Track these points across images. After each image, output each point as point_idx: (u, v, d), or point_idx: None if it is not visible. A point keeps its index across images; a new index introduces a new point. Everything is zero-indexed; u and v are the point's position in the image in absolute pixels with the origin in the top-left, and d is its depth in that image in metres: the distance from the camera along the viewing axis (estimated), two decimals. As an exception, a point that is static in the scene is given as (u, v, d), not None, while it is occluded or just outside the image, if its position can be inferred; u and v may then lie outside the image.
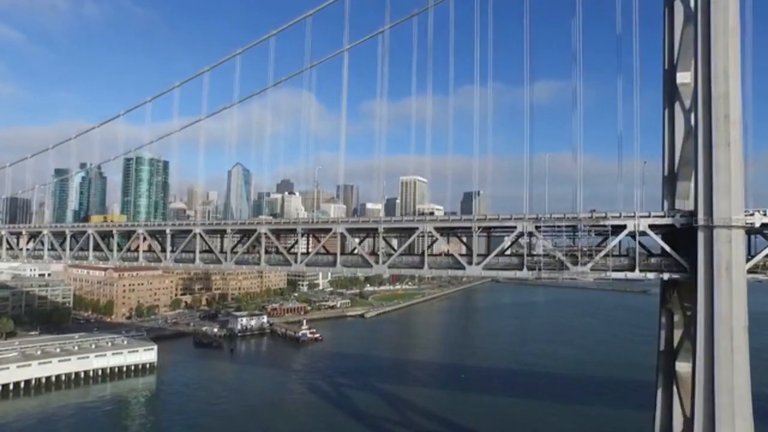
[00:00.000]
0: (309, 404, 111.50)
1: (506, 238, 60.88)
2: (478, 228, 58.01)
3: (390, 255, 61.46)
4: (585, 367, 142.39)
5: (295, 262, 66.30)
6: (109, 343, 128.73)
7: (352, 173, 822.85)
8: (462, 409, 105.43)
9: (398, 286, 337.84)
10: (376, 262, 61.39)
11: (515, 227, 56.41)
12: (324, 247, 67.91)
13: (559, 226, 54.34)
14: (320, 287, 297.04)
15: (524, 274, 55.85)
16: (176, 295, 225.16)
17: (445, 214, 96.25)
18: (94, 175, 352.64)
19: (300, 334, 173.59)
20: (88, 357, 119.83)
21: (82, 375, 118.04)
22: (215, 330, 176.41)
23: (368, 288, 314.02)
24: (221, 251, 73.98)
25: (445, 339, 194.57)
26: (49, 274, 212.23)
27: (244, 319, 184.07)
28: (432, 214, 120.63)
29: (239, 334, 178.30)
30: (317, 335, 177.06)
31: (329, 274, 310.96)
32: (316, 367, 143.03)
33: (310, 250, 71.87)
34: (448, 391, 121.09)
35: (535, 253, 57.49)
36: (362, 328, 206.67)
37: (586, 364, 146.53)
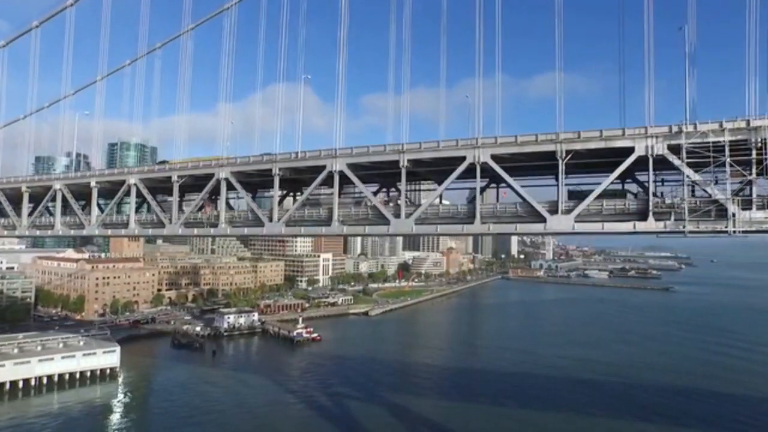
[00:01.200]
0: (298, 421, 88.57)
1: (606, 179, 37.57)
2: (566, 154, 34.80)
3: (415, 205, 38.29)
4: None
5: (270, 220, 43.17)
6: (61, 345, 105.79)
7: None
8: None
9: (404, 283, 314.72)
10: (396, 216, 38.20)
11: (631, 149, 33.23)
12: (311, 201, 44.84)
13: (717, 144, 31.12)
14: (320, 283, 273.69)
15: (650, 225, 32.83)
16: (159, 289, 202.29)
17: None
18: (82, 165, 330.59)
19: (295, 333, 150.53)
20: (29, 362, 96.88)
21: (21, 384, 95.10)
22: (198, 329, 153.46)
23: (372, 285, 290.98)
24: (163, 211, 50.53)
25: (459, 340, 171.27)
26: (16, 267, 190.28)
27: (232, 317, 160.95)
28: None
29: (225, 334, 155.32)
30: (315, 335, 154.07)
31: (330, 269, 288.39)
32: (311, 373, 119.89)
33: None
34: (468, 404, 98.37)
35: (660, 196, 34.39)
36: (366, 328, 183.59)
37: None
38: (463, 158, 36.94)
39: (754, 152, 30.86)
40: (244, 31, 59.76)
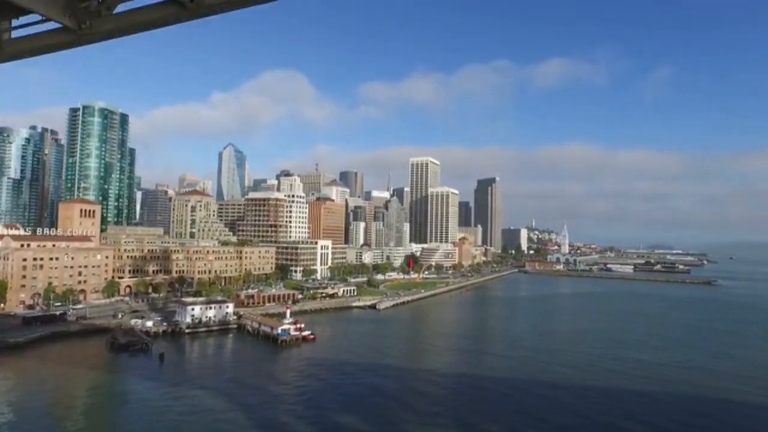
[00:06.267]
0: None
1: None
2: None
3: None
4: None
5: None
6: None
7: (353, 167, 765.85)
8: None
9: (414, 275, 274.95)
10: None
11: None
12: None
13: None
14: (318, 274, 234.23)
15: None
16: (120, 276, 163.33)
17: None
18: (47, 140, 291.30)
19: (279, 330, 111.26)
20: None
21: None
22: (149, 324, 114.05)
23: (378, 277, 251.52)
24: None
25: (492, 340, 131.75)
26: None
27: (197, 309, 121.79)
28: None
29: (187, 331, 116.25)
30: (307, 333, 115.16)
31: (329, 259, 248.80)
32: (294, 389, 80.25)
33: None
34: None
35: None
36: (373, 324, 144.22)
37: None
38: None
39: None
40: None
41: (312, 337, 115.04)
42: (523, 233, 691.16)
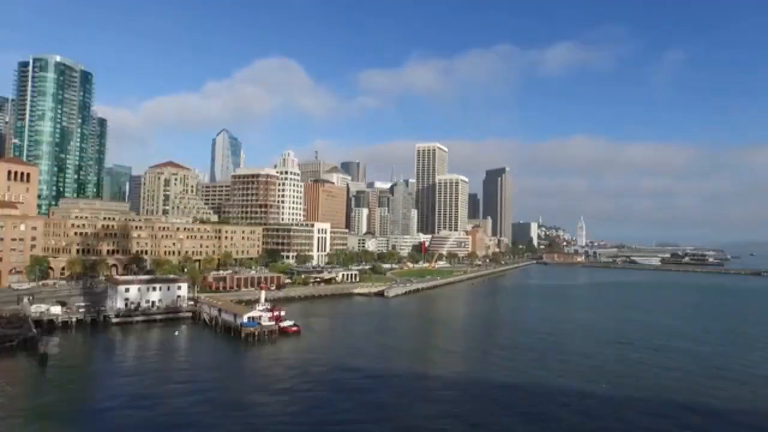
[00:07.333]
0: None
1: None
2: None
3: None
4: None
5: None
6: None
7: (354, 160, 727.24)
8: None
9: (426, 264, 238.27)
10: None
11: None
12: None
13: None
14: (314, 261, 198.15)
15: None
16: (49, 254, 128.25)
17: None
18: None
19: (244, 319, 75.32)
20: None
21: None
22: (55, 311, 78.12)
23: (385, 265, 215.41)
24: None
25: (524, 336, 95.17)
26: None
27: (133, 290, 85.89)
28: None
29: (116, 320, 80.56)
30: (288, 323, 79.95)
31: (327, 244, 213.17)
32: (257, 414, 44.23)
33: None
34: None
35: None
36: (380, 315, 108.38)
37: None
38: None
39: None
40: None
41: (295, 329, 79.60)
42: (534, 227, 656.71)
